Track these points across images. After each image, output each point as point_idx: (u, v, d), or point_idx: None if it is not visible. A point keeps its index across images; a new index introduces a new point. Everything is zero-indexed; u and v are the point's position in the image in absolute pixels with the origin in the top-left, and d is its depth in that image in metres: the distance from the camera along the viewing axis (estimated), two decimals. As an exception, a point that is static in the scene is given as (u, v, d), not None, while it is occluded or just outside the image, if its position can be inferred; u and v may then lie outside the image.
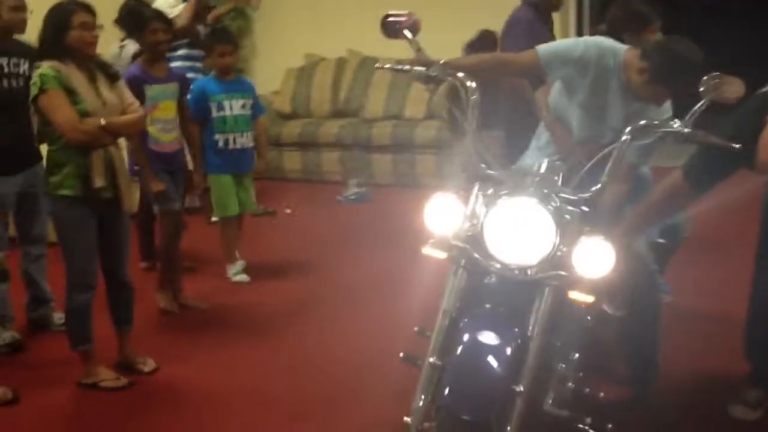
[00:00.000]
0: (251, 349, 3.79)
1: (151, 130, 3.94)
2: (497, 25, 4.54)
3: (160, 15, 4.14)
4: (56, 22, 3.20)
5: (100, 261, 3.40)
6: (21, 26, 3.68)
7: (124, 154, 3.65)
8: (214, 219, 4.98)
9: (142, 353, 3.62)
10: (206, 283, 4.66)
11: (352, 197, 6.56)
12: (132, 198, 3.43)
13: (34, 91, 3.18)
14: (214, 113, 4.50)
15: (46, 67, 3.17)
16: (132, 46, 4.46)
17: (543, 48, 2.84)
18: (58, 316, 3.94)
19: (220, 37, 4.64)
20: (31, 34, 3.50)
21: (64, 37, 3.18)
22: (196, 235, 5.31)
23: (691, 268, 4.29)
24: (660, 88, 2.67)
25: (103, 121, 3.21)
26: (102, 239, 3.35)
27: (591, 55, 2.77)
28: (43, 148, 3.64)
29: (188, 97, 4.32)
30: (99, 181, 3.24)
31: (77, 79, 3.21)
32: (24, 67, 3.62)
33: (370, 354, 3.57)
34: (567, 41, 2.86)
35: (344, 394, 3.29)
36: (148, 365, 3.58)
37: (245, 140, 4.61)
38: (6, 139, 3.62)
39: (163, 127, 4.00)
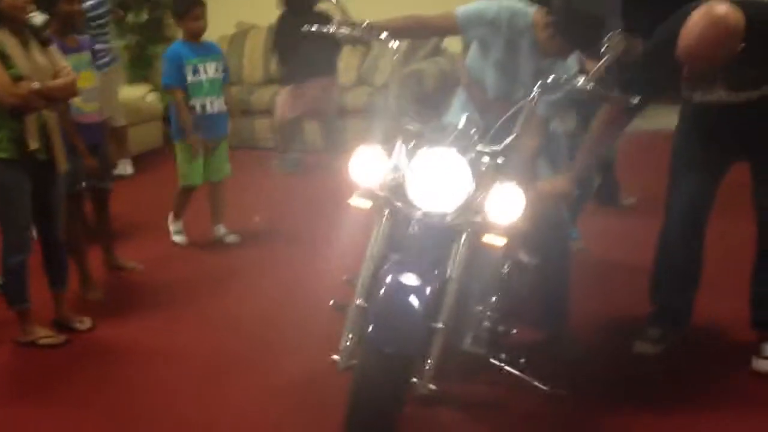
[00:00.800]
0: (183, 309, 3.88)
1: (75, 100, 3.91)
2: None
3: None
4: None
5: (35, 223, 3.46)
6: None
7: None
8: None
9: (79, 313, 3.70)
10: (143, 248, 4.71)
11: (285, 163, 6.64)
12: (65, 161, 3.49)
13: None
14: (190, 78, 4.47)
15: (-21, 34, 3.20)
16: (40, 17, 4.36)
17: (461, 9, 2.97)
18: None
19: (193, 1, 4.52)
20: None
21: None
22: (130, 201, 5.36)
23: (602, 219, 4.55)
24: (564, 42, 2.85)
25: (36, 85, 3.25)
26: (36, 202, 3.40)
27: (503, 16, 2.91)
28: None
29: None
30: (33, 144, 3.31)
31: (10, 44, 3.26)
32: None
33: (302, 307, 3.69)
34: (483, 3, 2.99)
35: (276, 346, 3.42)
36: (85, 323, 3.66)
37: (220, 104, 4.58)
38: None
39: (86, 96, 3.96)
